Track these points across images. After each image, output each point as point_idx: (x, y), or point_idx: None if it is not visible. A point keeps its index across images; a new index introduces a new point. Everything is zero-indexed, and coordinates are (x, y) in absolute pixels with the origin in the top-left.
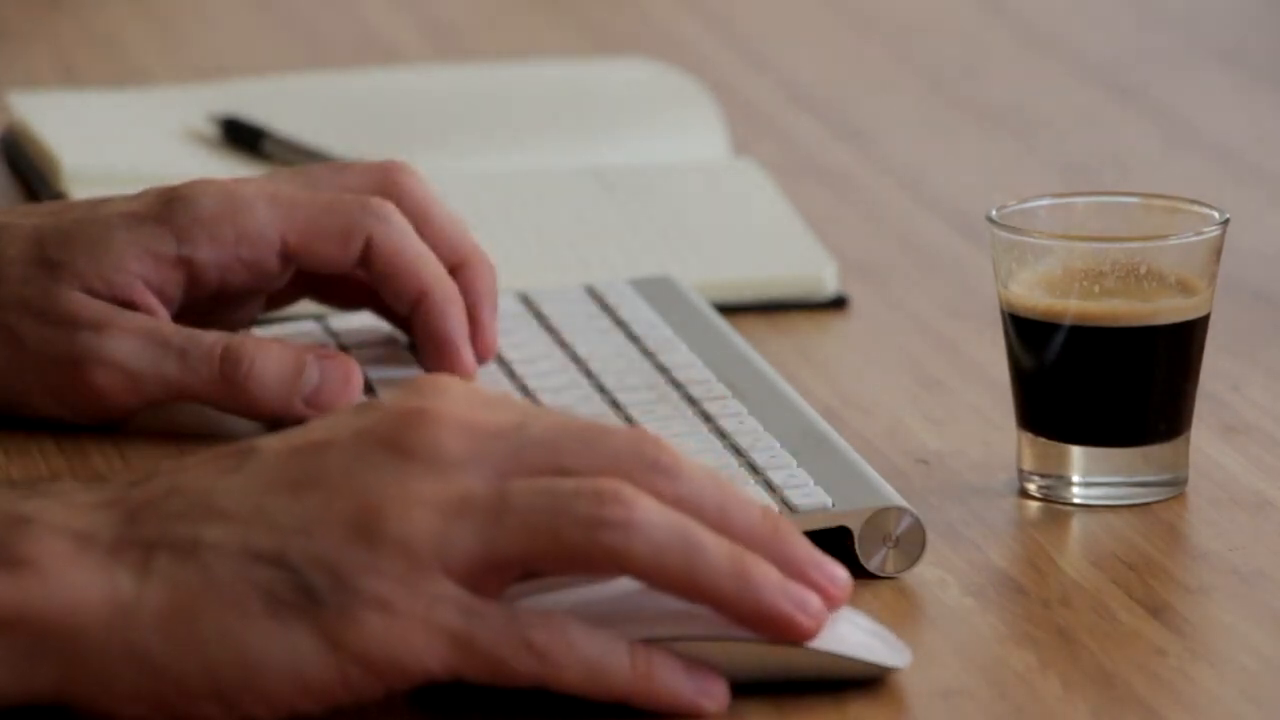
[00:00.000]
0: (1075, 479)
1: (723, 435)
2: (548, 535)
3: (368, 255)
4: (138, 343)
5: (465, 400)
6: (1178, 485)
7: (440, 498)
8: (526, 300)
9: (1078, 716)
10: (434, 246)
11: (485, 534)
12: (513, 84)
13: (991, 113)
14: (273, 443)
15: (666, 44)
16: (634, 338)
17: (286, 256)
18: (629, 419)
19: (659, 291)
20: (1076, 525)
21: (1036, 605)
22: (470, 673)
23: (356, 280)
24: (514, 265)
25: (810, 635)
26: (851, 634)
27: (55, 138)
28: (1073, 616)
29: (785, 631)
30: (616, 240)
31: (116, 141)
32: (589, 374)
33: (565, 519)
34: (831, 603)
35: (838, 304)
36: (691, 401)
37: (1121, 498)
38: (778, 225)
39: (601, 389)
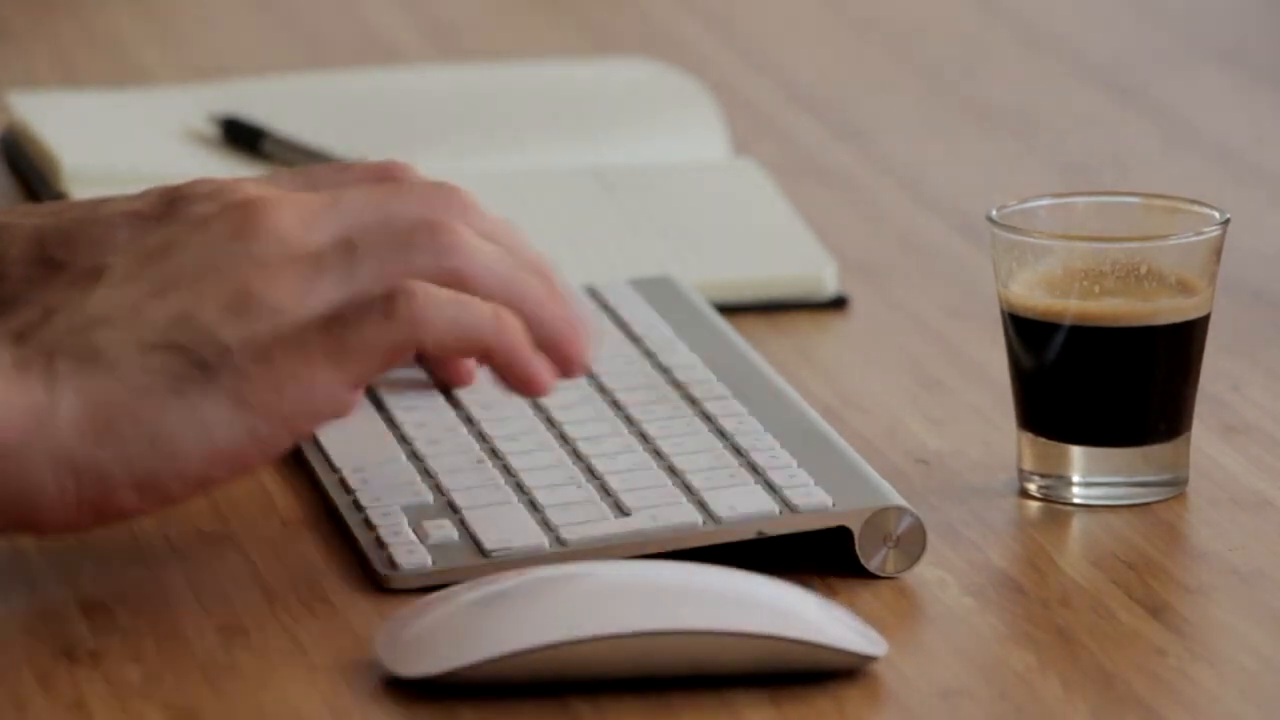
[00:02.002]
0: (1075, 479)
1: (723, 435)
2: (397, 268)
3: None
4: None
5: (278, 186)
6: (1178, 485)
7: (297, 262)
8: None
9: (1078, 716)
10: None
11: (344, 279)
12: (513, 84)
13: (991, 113)
14: (119, 257)
15: (666, 44)
16: (634, 338)
17: None
18: (629, 419)
19: (659, 291)
20: (1076, 525)
21: (1036, 605)
22: (365, 371)
23: None
24: None
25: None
26: (830, 626)
27: (55, 138)
28: (1073, 616)
29: (573, 338)
30: (616, 240)
31: (116, 141)
32: (589, 374)
33: (410, 251)
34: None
35: (838, 304)
36: (691, 401)
37: (1121, 498)
38: (778, 225)
39: (601, 389)
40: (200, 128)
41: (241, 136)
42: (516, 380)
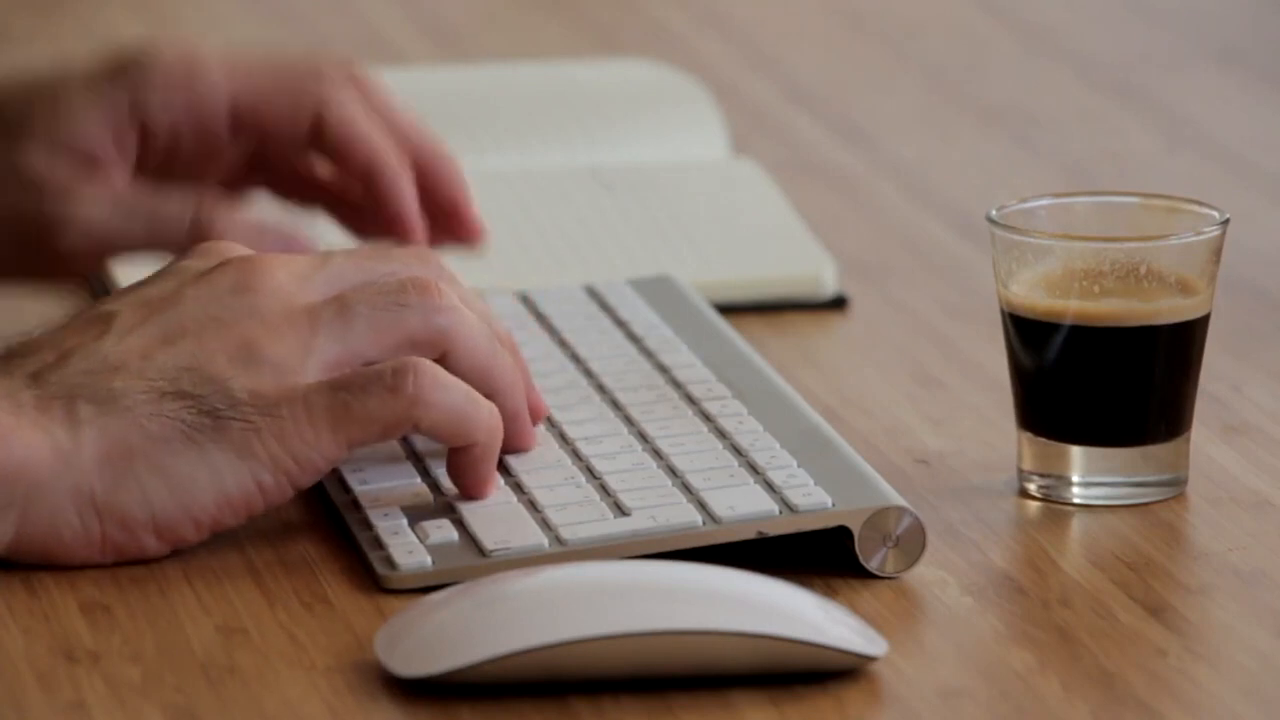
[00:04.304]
0: (1075, 479)
1: (723, 435)
2: (391, 325)
3: (319, 125)
4: (106, 207)
5: (267, 250)
6: (1178, 485)
7: (295, 316)
8: (526, 300)
9: (1078, 716)
10: (396, 137)
11: (340, 336)
12: (513, 84)
13: (991, 113)
14: (124, 305)
15: (667, 44)
16: (634, 338)
17: (237, 120)
18: (629, 419)
19: (659, 291)
20: (1076, 525)
21: (1036, 605)
22: (361, 439)
23: (313, 177)
24: (514, 265)
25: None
26: (830, 626)
27: None
28: (1073, 616)
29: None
30: (616, 240)
31: None
32: (589, 374)
33: (403, 310)
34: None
35: (838, 304)
36: (691, 401)
37: (1121, 498)
38: (777, 225)
39: (601, 389)
40: None
41: None
42: (469, 482)
